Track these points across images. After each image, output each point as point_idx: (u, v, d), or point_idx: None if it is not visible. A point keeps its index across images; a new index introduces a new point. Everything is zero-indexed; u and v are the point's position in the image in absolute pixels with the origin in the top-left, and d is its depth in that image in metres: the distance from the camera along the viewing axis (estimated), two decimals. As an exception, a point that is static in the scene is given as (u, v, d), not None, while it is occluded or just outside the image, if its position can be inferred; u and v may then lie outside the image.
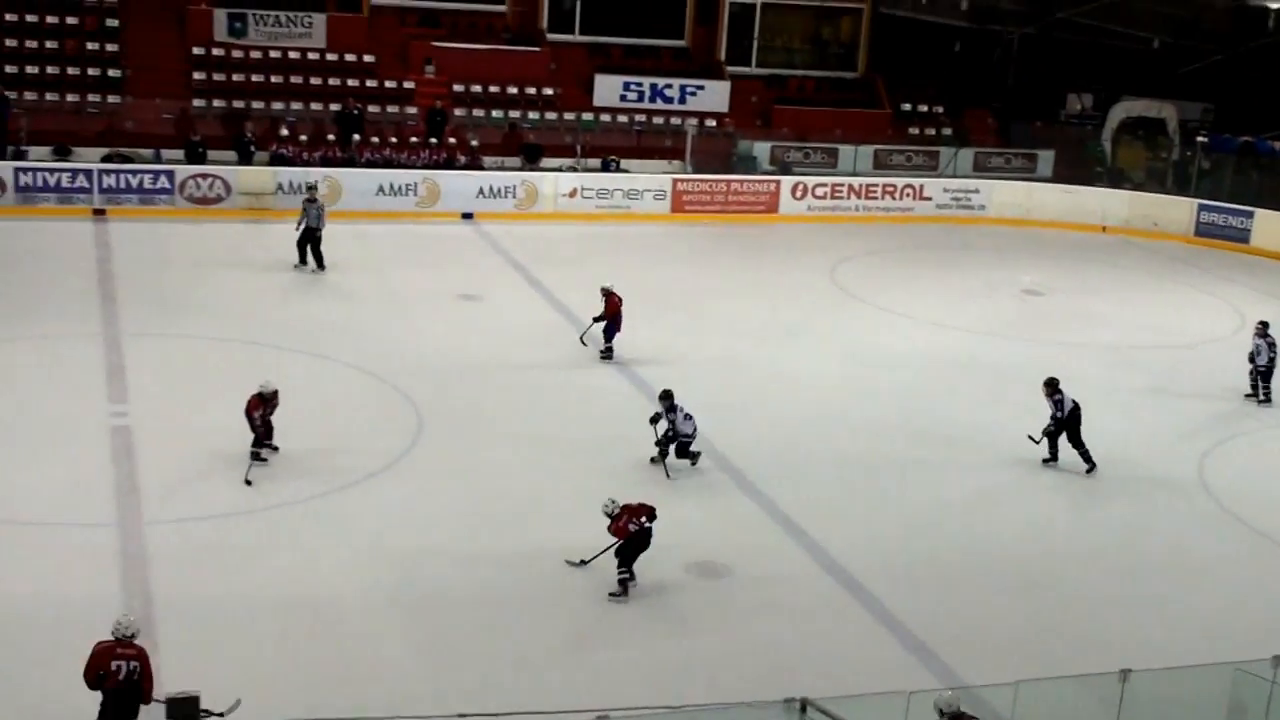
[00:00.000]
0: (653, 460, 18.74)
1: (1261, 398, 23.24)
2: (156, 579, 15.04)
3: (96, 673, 11.73)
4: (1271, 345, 23.11)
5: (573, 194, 34.09)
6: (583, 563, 15.81)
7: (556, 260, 29.92)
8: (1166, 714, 12.72)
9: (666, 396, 18.69)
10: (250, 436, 17.95)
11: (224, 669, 13.31)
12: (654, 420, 18.81)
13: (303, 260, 27.72)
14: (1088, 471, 19.64)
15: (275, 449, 18.33)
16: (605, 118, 38.04)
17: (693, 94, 39.18)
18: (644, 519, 15.47)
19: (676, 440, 18.68)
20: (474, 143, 34.98)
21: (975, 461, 20.13)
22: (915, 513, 18.43)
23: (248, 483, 17.52)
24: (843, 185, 36.74)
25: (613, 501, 15.52)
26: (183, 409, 19.35)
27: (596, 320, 23.28)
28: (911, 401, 22.23)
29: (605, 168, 35.85)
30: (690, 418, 18.67)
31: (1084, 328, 27.55)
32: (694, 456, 18.87)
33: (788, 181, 36.39)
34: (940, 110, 41.83)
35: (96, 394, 20.21)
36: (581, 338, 23.58)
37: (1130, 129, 41.82)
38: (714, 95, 39.36)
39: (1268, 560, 17.85)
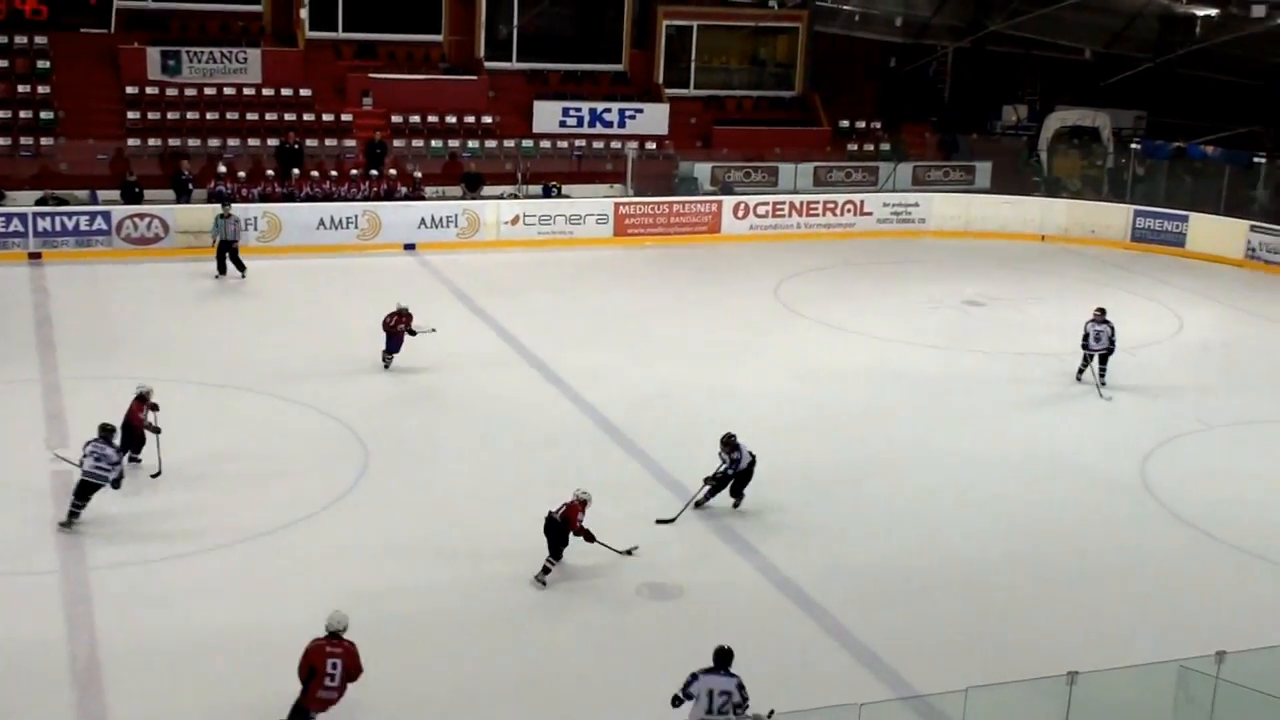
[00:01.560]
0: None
1: (1101, 382, 23.90)
2: (102, 623, 14.87)
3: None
4: (1112, 331, 23.90)
5: (515, 221, 34.12)
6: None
7: (500, 288, 29.92)
8: (1115, 714, 12.82)
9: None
10: (139, 443, 18.62)
11: (175, 709, 13.23)
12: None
13: (222, 270, 29.05)
14: (735, 505, 18.50)
15: (138, 462, 18.61)
16: (545, 144, 38.14)
17: (632, 117, 39.35)
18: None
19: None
20: (415, 173, 34.92)
21: (920, 473, 20.23)
22: (861, 526, 18.48)
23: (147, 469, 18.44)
24: (784, 203, 36.95)
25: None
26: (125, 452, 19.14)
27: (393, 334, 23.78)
28: (857, 416, 22.33)
29: (547, 194, 35.90)
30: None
31: (1026, 336, 27.80)
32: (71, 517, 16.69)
33: (729, 201, 36.55)
34: (878, 126, 42.17)
35: (36, 440, 19.99)
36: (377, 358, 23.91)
37: (1065, 138, 42.35)
38: (653, 118, 39.56)
39: (1210, 558, 18.02)
